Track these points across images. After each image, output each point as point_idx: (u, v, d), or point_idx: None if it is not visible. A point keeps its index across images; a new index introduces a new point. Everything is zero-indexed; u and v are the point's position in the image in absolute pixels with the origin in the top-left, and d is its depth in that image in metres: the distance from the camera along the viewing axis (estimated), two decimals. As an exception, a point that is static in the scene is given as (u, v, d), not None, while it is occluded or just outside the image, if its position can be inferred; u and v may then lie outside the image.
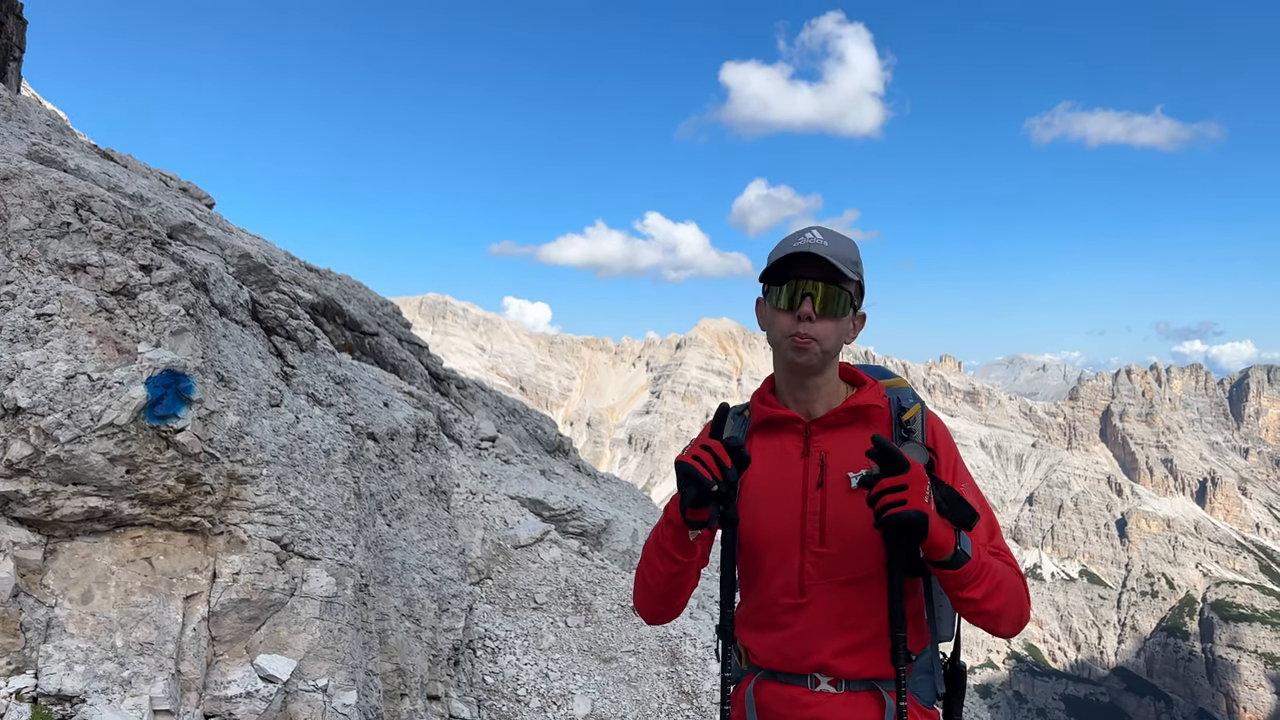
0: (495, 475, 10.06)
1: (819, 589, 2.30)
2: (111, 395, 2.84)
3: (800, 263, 2.24)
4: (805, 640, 2.31)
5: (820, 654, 2.30)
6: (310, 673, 3.21)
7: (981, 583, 2.10)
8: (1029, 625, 37.46)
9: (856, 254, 2.30)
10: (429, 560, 5.02)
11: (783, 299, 2.26)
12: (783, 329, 2.26)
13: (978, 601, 2.12)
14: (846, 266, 2.22)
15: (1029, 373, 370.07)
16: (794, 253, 2.24)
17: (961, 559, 2.07)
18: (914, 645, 2.33)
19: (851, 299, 2.28)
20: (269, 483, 3.35)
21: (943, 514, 2.08)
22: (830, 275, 2.23)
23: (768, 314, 2.33)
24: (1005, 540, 2.29)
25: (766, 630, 2.39)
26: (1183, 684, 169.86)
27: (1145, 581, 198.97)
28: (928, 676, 2.38)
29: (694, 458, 2.15)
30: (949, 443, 2.36)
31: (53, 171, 3.24)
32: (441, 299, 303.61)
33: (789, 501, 2.33)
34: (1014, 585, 2.19)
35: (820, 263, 2.22)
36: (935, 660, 2.42)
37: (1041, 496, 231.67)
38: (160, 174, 10.79)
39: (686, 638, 7.77)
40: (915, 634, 2.33)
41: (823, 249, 2.22)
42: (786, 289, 2.25)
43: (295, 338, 4.47)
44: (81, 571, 2.90)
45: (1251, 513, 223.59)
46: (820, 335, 2.23)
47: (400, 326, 15.34)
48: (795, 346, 2.24)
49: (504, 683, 6.07)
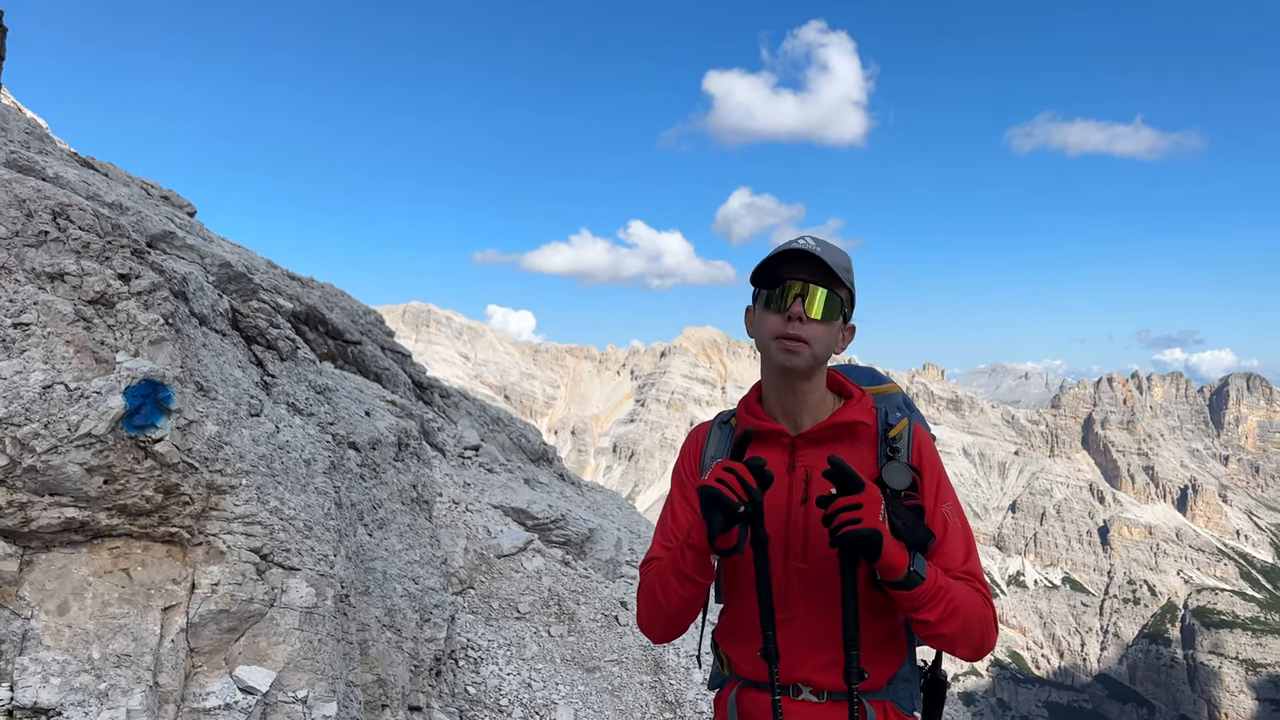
0: (478, 484, 10.02)
1: (801, 603, 2.31)
2: (89, 405, 2.81)
3: (793, 263, 2.24)
4: (787, 655, 2.31)
5: (803, 668, 2.31)
6: (290, 684, 3.18)
7: (936, 606, 2.09)
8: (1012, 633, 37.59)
9: (849, 263, 2.30)
10: (411, 570, 5.00)
11: (774, 299, 2.25)
12: (772, 330, 2.24)
13: (931, 624, 2.12)
14: (840, 271, 2.23)
15: (1011, 381, 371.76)
16: (787, 251, 2.24)
17: (914, 580, 2.07)
18: (892, 660, 2.34)
19: (843, 305, 2.27)
20: (248, 493, 3.33)
21: (899, 535, 2.08)
22: (824, 277, 2.22)
23: (757, 316, 2.32)
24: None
25: (749, 641, 2.39)
26: (1165, 690, 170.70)
27: (1127, 588, 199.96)
28: (908, 685, 2.39)
29: (718, 480, 2.09)
30: (934, 461, 2.34)
31: (30, 180, 3.21)
32: (425, 307, 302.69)
33: (773, 516, 2.32)
34: (977, 612, 2.17)
35: (814, 263, 2.22)
36: (915, 669, 2.43)
37: (1024, 504, 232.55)
38: (141, 182, 10.73)
39: (670, 647, 7.76)
40: (892, 649, 2.33)
41: (816, 251, 2.22)
42: (778, 289, 2.24)
43: (276, 347, 4.45)
44: (58, 583, 2.87)
45: (1232, 520, 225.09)
46: (811, 337, 2.21)
47: (383, 335, 15.28)
48: (785, 349, 2.23)
49: (486, 693, 6.04)
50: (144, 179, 11.08)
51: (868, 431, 2.36)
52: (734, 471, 2.09)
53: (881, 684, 2.32)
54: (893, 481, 2.18)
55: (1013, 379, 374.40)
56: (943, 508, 2.26)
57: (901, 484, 2.18)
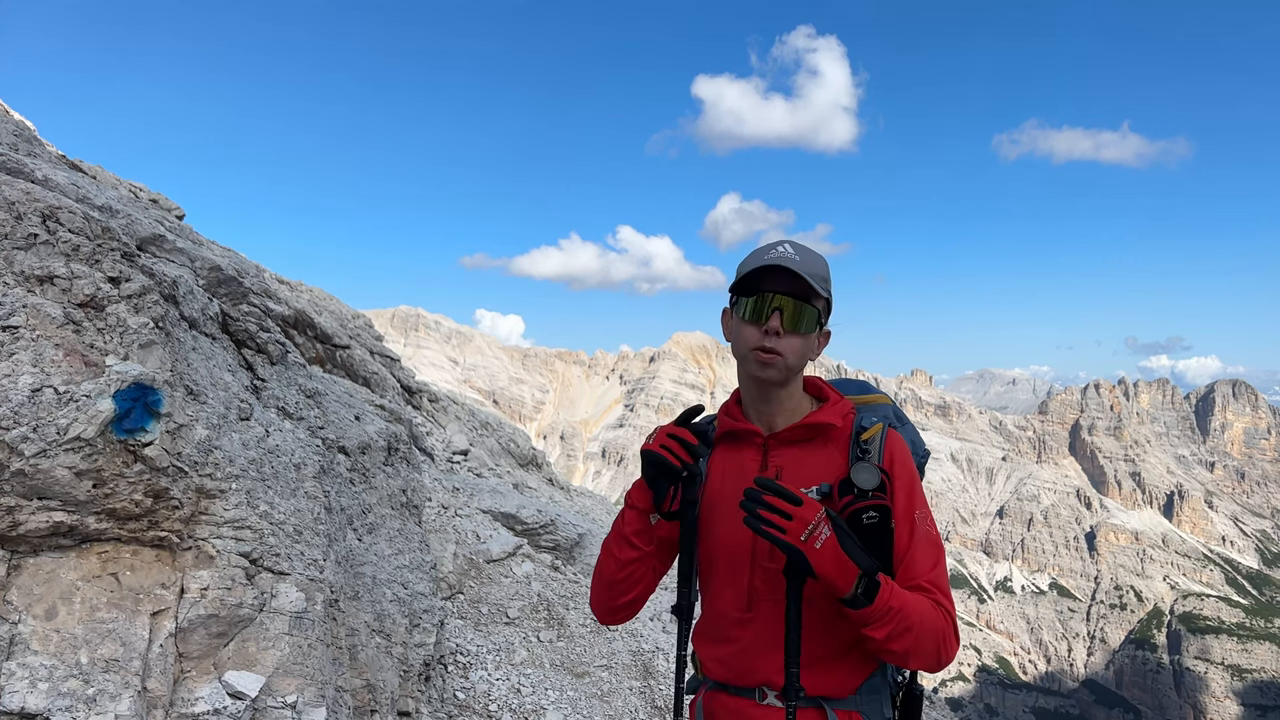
0: (467, 489, 10.01)
1: (766, 604, 2.31)
2: (78, 408, 2.80)
3: (771, 276, 2.25)
4: (751, 655, 2.33)
5: (764, 670, 2.31)
6: (279, 689, 3.17)
7: (884, 625, 2.09)
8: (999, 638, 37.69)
9: (827, 270, 2.32)
10: (400, 575, 4.99)
11: (751, 311, 2.27)
12: (749, 342, 2.27)
13: (878, 641, 2.11)
14: (817, 283, 2.24)
15: (999, 387, 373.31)
16: (765, 265, 2.25)
17: (859, 602, 2.07)
18: (857, 669, 2.32)
19: (819, 316, 2.29)
20: (238, 497, 3.32)
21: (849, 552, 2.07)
22: (800, 291, 2.24)
23: (734, 325, 2.34)
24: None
25: (717, 643, 2.42)
26: (1151, 696, 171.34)
27: (1114, 594, 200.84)
28: (877, 697, 2.35)
29: (662, 446, 2.26)
30: (907, 466, 2.34)
31: (20, 182, 3.20)
32: (414, 312, 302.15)
33: (742, 515, 2.34)
34: (932, 628, 2.16)
35: (792, 277, 2.23)
36: (886, 681, 2.40)
37: (1011, 510, 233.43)
38: (130, 185, 10.68)
39: (659, 652, 7.76)
40: (858, 658, 2.30)
41: (795, 264, 2.23)
42: (755, 301, 2.26)
43: (266, 351, 4.44)
44: (46, 587, 2.86)
45: (1218, 525, 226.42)
46: (785, 350, 2.24)
47: (372, 339, 15.25)
48: (759, 361, 2.26)
49: (475, 698, 6.03)
50: (132, 182, 11.03)
51: (840, 434, 2.37)
52: (677, 438, 2.26)
53: (847, 693, 2.29)
54: (860, 481, 2.18)
55: (1000, 385, 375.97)
56: (915, 513, 2.27)
57: (869, 484, 2.17)
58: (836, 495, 2.24)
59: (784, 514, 2.03)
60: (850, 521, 2.16)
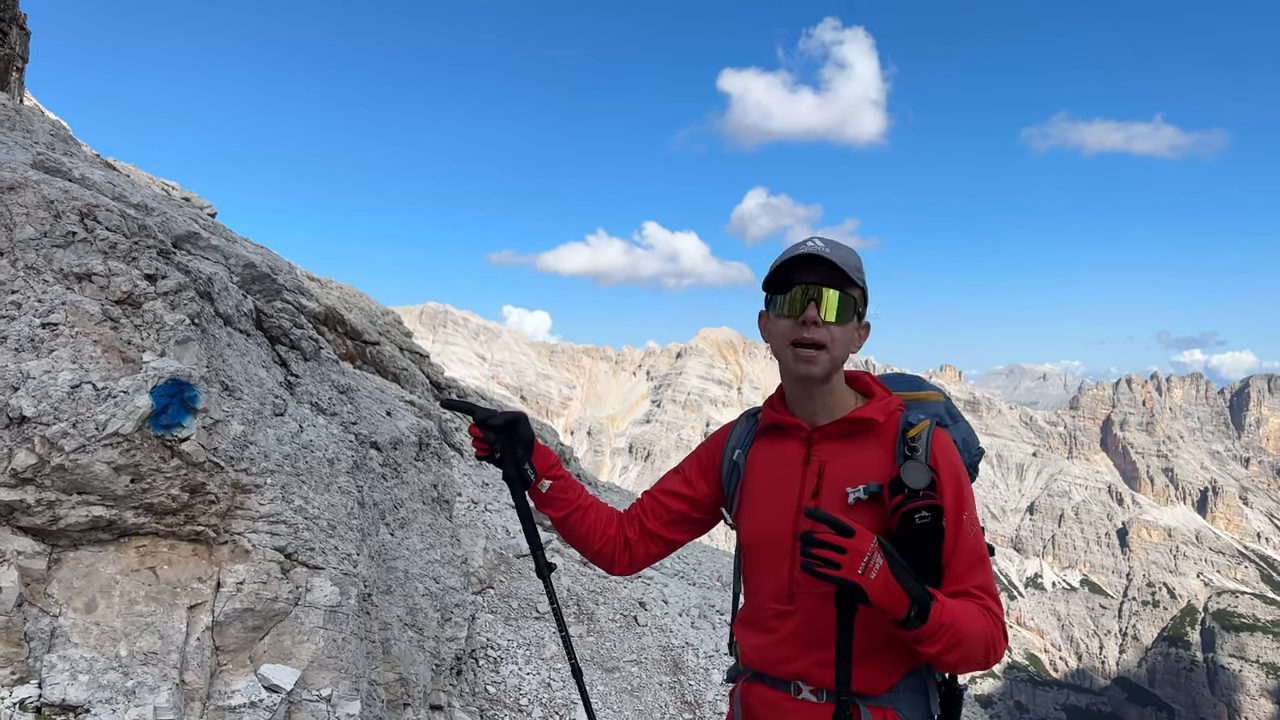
0: (497, 484, 10.04)
1: (807, 599, 2.30)
2: (116, 404, 2.83)
3: (804, 267, 2.23)
4: (788, 646, 2.32)
5: (800, 662, 2.30)
6: (314, 682, 3.20)
7: (936, 642, 2.08)
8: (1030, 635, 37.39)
9: (859, 261, 2.28)
10: (431, 569, 5.01)
11: (787, 304, 2.24)
12: (786, 335, 2.24)
13: (932, 655, 2.11)
14: (851, 271, 2.21)
15: (1029, 382, 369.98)
16: (798, 256, 2.23)
17: (913, 624, 2.05)
18: (894, 667, 2.29)
19: (856, 304, 2.26)
20: (273, 492, 3.34)
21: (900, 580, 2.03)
22: (836, 279, 2.21)
23: (770, 323, 2.31)
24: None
25: (758, 632, 2.42)
26: (1184, 694, 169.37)
27: (1146, 591, 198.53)
28: (913, 694, 2.32)
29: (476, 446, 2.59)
30: (954, 465, 2.28)
31: (58, 181, 3.24)
32: (442, 308, 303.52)
33: (784, 508, 2.33)
34: (982, 636, 2.15)
35: (825, 266, 2.21)
36: (925, 679, 2.37)
37: (1042, 506, 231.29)
38: (162, 184, 10.80)
39: (689, 647, 7.75)
40: (895, 655, 2.26)
41: (826, 253, 2.20)
42: (791, 294, 2.23)
43: (299, 347, 4.47)
44: (85, 581, 2.89)
45: (1253, 522, 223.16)
46: (827, 340, 2.20)
47: (401, 335, 15.33)
48: (799, 357, 2.23)
49: (506, 692, 6.05)
50: (165, 181, 11.16)
51: (885, 430, 2.34)
52: (473, 437, 2.55)
53: (882, 690, 2.27)
54: (911, 480, 2.15)
55: (1031, 380, 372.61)
56: (963, 514, 2.23)
57: (919, 483, 2.14)
58: (887, 495, 2.20)
59: (838, 548, 1.99)
60: (902, 522, 2.14)
